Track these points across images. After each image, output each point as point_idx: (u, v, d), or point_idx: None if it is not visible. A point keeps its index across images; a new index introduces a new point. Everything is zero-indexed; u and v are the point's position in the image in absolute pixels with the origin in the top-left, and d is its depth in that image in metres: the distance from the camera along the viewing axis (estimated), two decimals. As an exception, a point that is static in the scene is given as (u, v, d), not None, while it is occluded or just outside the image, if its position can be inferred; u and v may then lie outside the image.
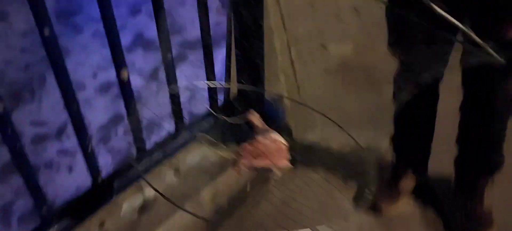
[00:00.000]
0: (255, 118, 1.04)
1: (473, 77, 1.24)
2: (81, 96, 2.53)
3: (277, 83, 2.00)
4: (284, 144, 0.99)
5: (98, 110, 2.38)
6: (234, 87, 1.81)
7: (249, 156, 0.95)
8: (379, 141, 1.62)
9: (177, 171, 1.59)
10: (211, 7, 1.50)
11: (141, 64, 2.67)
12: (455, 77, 1.30)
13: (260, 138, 0.97)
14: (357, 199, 1.52)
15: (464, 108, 1.33)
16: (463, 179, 1.43)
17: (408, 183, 1.50)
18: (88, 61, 2.74)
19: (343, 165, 1.66)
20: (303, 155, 1.78)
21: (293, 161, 1.73)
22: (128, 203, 1.45)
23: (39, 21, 0.93)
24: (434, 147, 1.51)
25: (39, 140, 2.26)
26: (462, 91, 1.29)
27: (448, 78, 1.40)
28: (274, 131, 1.01)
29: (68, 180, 2.04)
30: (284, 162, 0.96)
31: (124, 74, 1.19)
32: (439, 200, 1.49)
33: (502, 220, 1.37)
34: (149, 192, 1.50)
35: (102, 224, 1.38)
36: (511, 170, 1.38)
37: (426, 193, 1.52)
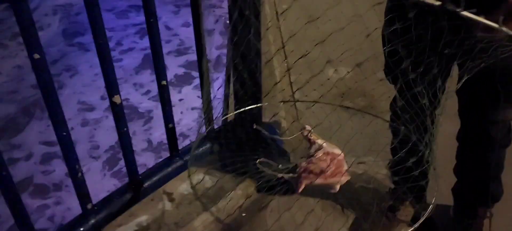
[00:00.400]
0: (311, 133, 1.03)
1: (468, 107, 1.22)
2: (90, 116, 2.63)
3: (275, 107, 2.00)
4: (340, 155, 0.98)
5: (107, 131, 2.41)
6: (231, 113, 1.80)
7: (308, 175, 0.94)
8: (378, 167, 1.59)
9: (171, 197, 1.57)
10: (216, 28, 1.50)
11: (149, 86, 2.75)
12: (455, 105, 1.29)
13: (318, 154, 0.96)
14: (354, 229, 1.48)
15: (461, 138, 1.31)
16: (461, 209, 1.39)
17: (406, 211, 1.46)
18: (97, 82, 2.80)
19: (341, 193, 1.62)
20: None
21: (289, 189, 1.71)
22: (121, 229, 1.43)
23: (29, 47, 0.94)
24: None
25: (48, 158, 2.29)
26: (459, 121, 1.27)
27: (449, 106, 1.39)
28: (328, 142, 1.01)
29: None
30: (342, 177, 0.94)
31: (117, 98, 1.19)
32: (438, 230, 1.45)
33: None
34: (140, 219, 1.47)
35: (92, 253, 1.35)
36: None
37: (424, 222, 1.48)
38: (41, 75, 1.00)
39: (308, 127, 1.08)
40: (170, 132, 1.46)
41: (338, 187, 0.96)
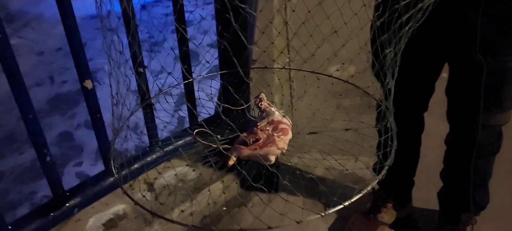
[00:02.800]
0: (264, 100, 0.95)
1: (457, 110, 1.16)
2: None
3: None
4: (285, 124, 0.88)
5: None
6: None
7: (241, 146, 0.85)
8: (368, 168, 1.54)
9: (151, 187, 1.55)
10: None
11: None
12: (443, 105, 1.23)
13: (260, 124, 0.87)
14: (335, 229, 1.44)
15: (450, 142, 1.25)
16: (446, 214, 1.34)
17: (388, 214, 1.41)
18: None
19: (324, 192, 1.58)
20: (285, 178, 1.71)
21: (273, 184, 1.67)
22: (94, 217, 1.41)
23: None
24: (421, 179, 1.43)
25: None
26: (449, 125, 1.22)
27: (439, 110, 1.32)
28: (280, 112, 0.92)
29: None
30: (274, 147, 0.85)
31: (88, 83, 1.16)
32: (419, 233, 1.40)
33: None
34: (117, 208, 1.45)
35: (64, 239, 1.34)
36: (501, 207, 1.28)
37: (407, 226, 1.42)
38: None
39: (262, 95, 0.99)
40: (149, 123, 1.43)
41: (272, 158, 0.85)
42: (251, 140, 0.87)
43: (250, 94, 1.73)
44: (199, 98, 1.18)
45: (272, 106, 0.97)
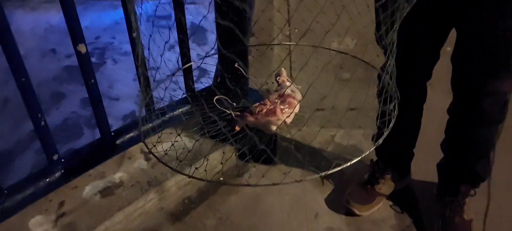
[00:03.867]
0: (282, 75, 1.01)
1: (463, 77, 1.13)
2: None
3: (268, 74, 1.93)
4: (294, 98, 0.92)
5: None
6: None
7: (245, 115, 0.89)
8: (367, 140, 1.52)
9: (147, 156, 1.54)
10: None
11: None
12: (448, 80, 1.20)
13: (272, 96, 0.91)
14: (331, 201, 1.43)
15: (452, 111, 1.22)
16: (445, 186, 1.32)
17: (386, 186, 1.40)
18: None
19: (321, 163, 1.57)
20: (283, 150, 1.70)
21: (270, 158, 1.66)
22: (90, 185, 1.41)
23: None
24: (420, 152, 1.41)
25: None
26: (452, 93, 1.19)
27: (443, 81, 1.29)
28: (295, 86, 0.96)
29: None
30: (275, 118, 0.89)
31: (82, 47, 1.14)
32: (418, 207, 1.39)
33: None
34: (113, 176, 1.45)
35: (61, 204, 1.34)
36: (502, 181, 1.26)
37: (405, 197, 1.41)
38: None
39: (282, 70, 1.03)
40: (145, 90, 1.42)
41: (272, 128, 0.89)
42: (257, 109, 0.91)
43: (248, 69, 1.70)
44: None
45: (288, 82, 1.01)
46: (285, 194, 1.48)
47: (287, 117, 0.91)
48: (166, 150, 0.95)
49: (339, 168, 0.74)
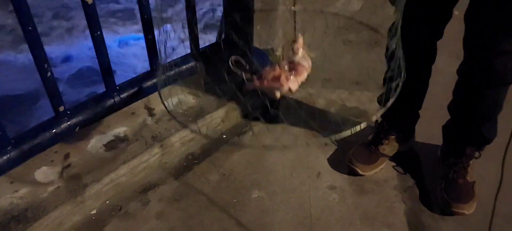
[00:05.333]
0: (298, 43, 0.99)
1: (476, 34, 1.10)
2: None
3: (274, 35, 1.90)
4: (303, 68, 0.94)
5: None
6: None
7: (260, 79, 0.92)
8: (373, 101, 1.51)
9: (151, 112, 1.54)
10: None
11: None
12: (457, 44, 1.17)
13: (282, 63, 0.94)
14: (334, 160, 1.44)
15: (463, 70, 1.20)
16: (449, 147, 1.32)
17: (390, 147, 1.39)
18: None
19: (325, 124, 1.57)
20: (286, 110, 1.70)
21: (275, 117, 1.66)
22: (96, 138, 1.42)
23: None
24: (426, 115, 1.40)
25: None
26: (463, 52, 1.16)
27: (451, 45, 1.26)
28: (306, 54, 0.97)
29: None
30: (280, 85, 0.91)
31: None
32: (421, 168, 1.39)
33: (486, 195, 1.26)
34: (118, 130, 1.46)
35: (66, 156, 1.36)
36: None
37: (408, 159, 1.41)
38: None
39: (299, 37, 1.04)
40: (150, 43, 1.40)
41: (277, 94, 0.92)
42: (266, 74, 0.93)
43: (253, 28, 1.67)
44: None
45: (302, 50, 1.02)
46: (288, 152, 1.49)
47: (291, 85, 0.94)
48: (173, 106, 0.96)
49: (347, 133, 0.75)
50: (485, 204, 1.25)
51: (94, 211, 1.30)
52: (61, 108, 1.25)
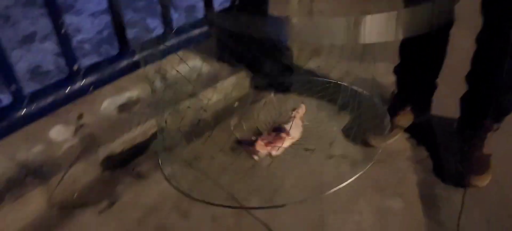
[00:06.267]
0: (298, 112, 1.28)
1: (495, 1, 1.06)
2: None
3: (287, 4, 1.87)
4: (284, 137, 1.19)
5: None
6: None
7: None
8: (389, 73, 1.48)
9: (163, 77, 1.54)
10: None
11: None
12: (471, 18, 1.14)
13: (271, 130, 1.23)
14: (347, 131, 1.43)
15: (481, 39, 1.16)
16: (467, 119, 1.29)
17: (405, 118, 1.37)
18: None
19: (339, 95, 1.55)
20: (300, 78, 1.69)
21: (286, 87, 1.65)
22: (109, 99, 1.43)
23: None
24: (442, 88, 1.37)
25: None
26: (481, 20, 1.12)
27: (468, 22, 1.23)
28: (297, 124, 1.22)
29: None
30: (257, 150, 1.16)
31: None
32: (435, 141, 1.37)
33: (501, 169, 1.24)
34: (131, 93, 1.46)
35: (80, 116, 1.37)
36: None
37: (423, 131, 1.39)
38: None
39: (302, 106, 1.32)
40: (164, 9, 1.38)
41: (255, 157, 1.16)
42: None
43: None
44: None
45: (299, 120, 1.24)
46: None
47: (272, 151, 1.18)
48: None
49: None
50: (499, 177, 1.24)
51: (107, 171, 1.31)
52: (75, 67, 1.25)
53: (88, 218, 1.18)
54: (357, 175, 1.25)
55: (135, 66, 1.43)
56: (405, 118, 1.37)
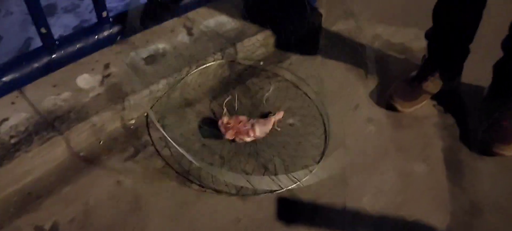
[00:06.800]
0: (276, 116, 1.32)
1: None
2: None
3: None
4: (250, 129, 1.27)
5: None
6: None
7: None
8: (419, 38, 1.44)
9: (190, 31, 1.53)
10: None
11: None
12: None
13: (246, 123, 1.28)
14: (373, 94, 1.41)
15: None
16: (499, 87, 1.26)
17: (433, 84, 1.35)
18: None
19: (367, 58, 1.52)
20: (327, 43, 1.65)
21: (312, 48, 1.62)
22: (135, 52, 1.43)
23: None
24: (473, 56, 1.33)
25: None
26: None
27: None
28: (269, 126, 1.29)
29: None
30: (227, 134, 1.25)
31: None
32: (463, 108, 1.35)
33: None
34: (157, 46, 1.46)
35: (107, 66, 1.37)
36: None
37: (451, 98, 1.37)
38: None
39: (279, 114, 1.32)
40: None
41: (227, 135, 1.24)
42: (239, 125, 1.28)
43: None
44: None
45: (272, 124, 1.30)
46: (327, 79, 1.46)
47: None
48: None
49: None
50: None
51: (133, 121, 1.33)
52: (104, 14, 1.25)
53: (113, 164, 1.20)
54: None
55: (160, 19, 1.41)
56: (434, 84, 1.35)
